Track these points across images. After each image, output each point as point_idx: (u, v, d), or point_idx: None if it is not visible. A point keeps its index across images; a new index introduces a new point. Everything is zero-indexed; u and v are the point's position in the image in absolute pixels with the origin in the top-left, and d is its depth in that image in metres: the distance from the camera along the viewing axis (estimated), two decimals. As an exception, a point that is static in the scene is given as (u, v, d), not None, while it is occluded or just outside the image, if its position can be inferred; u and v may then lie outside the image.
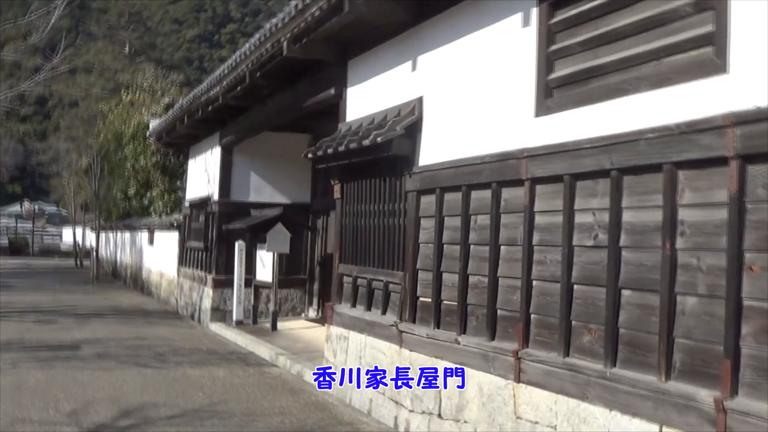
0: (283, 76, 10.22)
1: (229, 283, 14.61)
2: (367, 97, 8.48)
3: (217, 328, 14.14)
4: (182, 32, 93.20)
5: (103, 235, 30.85)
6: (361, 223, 8.51)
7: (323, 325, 13.74)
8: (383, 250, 7.95)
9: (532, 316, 5.56)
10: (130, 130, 23.83)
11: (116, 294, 21.71)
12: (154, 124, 19.20)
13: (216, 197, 15.19)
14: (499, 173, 5.92)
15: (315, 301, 15.44)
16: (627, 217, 4.73)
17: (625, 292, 4.71)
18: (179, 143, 18.36)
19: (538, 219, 5.55)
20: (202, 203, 16.15)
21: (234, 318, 14.28)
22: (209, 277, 15.23)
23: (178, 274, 18.35)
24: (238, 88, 11.08)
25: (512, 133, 5.81)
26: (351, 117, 8.84)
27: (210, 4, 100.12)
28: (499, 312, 5.97)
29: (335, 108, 11.47)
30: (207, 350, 11.53)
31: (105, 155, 27.27)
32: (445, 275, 6.76)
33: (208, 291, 15.17)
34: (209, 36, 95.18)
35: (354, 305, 8.58)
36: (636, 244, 4.65)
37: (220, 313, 14.88)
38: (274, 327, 13.31)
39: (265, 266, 14.11)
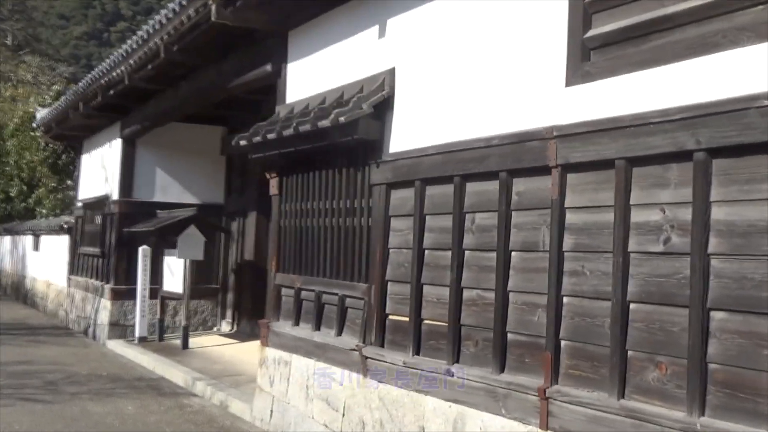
0: (205, 51, 8.66)
1: (131, 294, 12.78)
2: (315, 74, 7.07)
3: (117, 346, 12.30)
4: (70, 29, 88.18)
5: (-20, 240, 27.96)
6: (307, 224, 7.09)
7: (240, 341, 12.27)
8: (338, 257, 6.55)
9: (563, 342, 4.29)
10: (13, 121, 21.31)
11: (-5, 306, 19.30)
12: (42, 113, 17.00)
13: (116, 196, 13.32)
14: (513, 159, 4.64)
15: (229, 313, 13.83)
16: (719, 214, 3.53)
17: (717, 315, 3.50)
18: (72, 135, 16.24)
19: (572, 217, 4.30)
20: (99, 203, 14.23)
21: (137, 334, 12.46)
22: (107, 287, 13.34)
23: (68, 284, 16.28)
24: (149, 66, 9.43)
25: (532, 108, 4.54)
26: (293, 98, 7.40)
27: (99, 0, 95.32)
28: (510, 336, 4.68)
29: (260, 93, 10.07)
30: (109, 376, 9.70)
31: (-17, 152, 24.54)
32: (427, 288, 5.43)
33: (106, 303, 13.28)
34: (98, 34, 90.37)
35: (297, 323, 7.14)
36: (735, 250, 3.44)
37: (120, 328, 13.02)
38: (185, 345, 11.61)
39: (174, 275, 12.36)
